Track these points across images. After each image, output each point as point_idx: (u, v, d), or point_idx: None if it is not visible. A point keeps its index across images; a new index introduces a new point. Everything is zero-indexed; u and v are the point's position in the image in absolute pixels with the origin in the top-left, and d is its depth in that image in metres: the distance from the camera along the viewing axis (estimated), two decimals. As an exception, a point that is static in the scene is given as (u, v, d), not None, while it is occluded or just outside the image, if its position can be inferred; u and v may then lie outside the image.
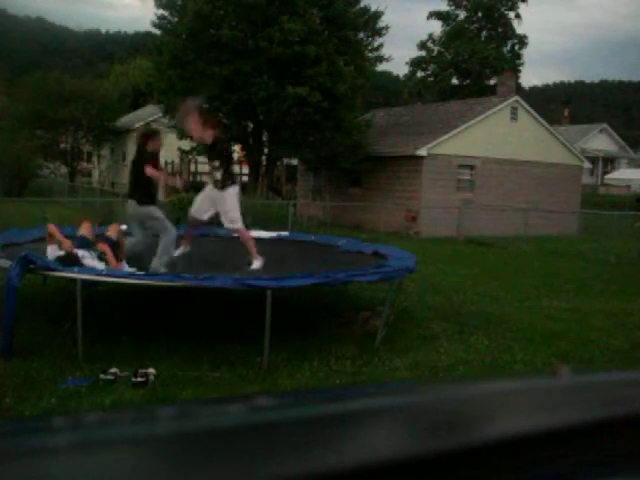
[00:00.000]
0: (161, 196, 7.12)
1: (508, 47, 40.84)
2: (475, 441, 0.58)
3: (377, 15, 20.98)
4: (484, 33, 40.69)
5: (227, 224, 6.82)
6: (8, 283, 5.07)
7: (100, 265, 5.95)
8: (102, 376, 4.76)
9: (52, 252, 6.00)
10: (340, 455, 0.53)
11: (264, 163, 22.17)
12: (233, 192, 6.75)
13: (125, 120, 36.06)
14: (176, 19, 20.15)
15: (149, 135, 6.97)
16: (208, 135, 6.57)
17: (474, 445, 0.57)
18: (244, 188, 23.63)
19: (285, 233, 10.49)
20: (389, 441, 0.60)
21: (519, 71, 39.25)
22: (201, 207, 6.90)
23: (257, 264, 6.62)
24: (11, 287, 5.07)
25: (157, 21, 20.49)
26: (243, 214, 7.12)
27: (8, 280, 5.07)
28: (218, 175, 6.68)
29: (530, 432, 0.60)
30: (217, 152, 6.73)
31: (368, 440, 0.59)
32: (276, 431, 0.59)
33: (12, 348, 5.20)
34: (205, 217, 6.98)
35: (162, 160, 29.35)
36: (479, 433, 0.62)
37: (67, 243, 6.03)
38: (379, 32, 21.33)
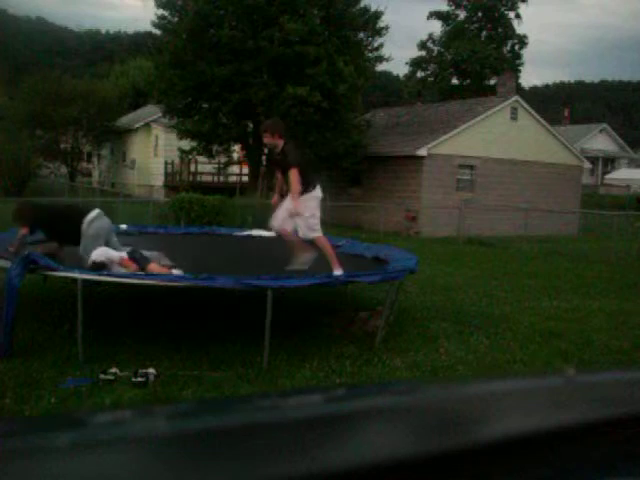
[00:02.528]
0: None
1: (508, 47, 40.86)
2: (475, 441, 0.58)
3: (377, 15, 20.99)
4: (484, 33, 40.70)
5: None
6: (8, 283, 5.07)
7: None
8: (102, 376, 4.76)
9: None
10: (340, 455, 0.53)
11: (264, 163, 22.18)
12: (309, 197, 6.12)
13: (125, 120, 36.06)
14: (176, 19, 20.16)
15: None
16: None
17: (474, 445, 0.57)
18: (244, 188, 23.69)
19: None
20: (389, 441, 0.60)
21: (519, 71, 39.27)
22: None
23: (338, 272, 6.01)
24: (11, 287, 5.07)
25: (157, 21, 20.50)
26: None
27: (8, 280, 5.07)
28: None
29: (530, 432, 0.60)
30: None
31: (368, 440, 0.59)
32: (276, 431, 0.59)
33: (12, 348, 5.20)
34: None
35: (162, 160, 28.94)
36: (479, 433, 0.62)
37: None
38: (379, 32, 21.34)
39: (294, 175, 5.82)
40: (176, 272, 6.03)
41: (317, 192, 6.14)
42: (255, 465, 0.51)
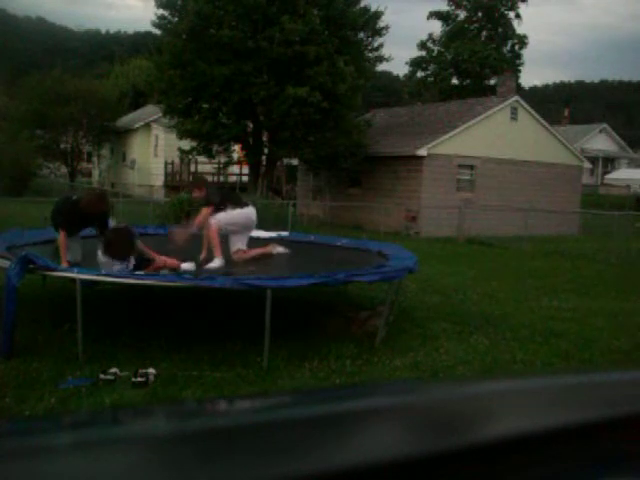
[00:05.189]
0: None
1: (508, 47, 40.85)
2: (475, 441, 0.58)
3: (377, 15, 20.98)
4: (484, 33, 40.68)
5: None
6: (8, 283, 5.07)
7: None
8: (102, 376, 4.76)
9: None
10: (340, 455, 0.53)
11: (264, 163, 22.18)
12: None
13: (125, 120, 36.06)
14: (176, 19, 20.16)
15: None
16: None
17: (474, 445, 0.57)
18: (244, 188, 23.67)
19: (285, 233, 10.48)
20: (389, 441, 0.60)
21: (519, 71, 39.26)
22: None
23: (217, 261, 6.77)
24: (11, 287, 5.06)
25: (157, 21, 20.50)
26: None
27: (8, 280, 5.07)
28: None
29: (530, 432, 0.60)
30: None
31: (368, 440, 0.59)
32: (276, 431, 0.59)
33: (12, 348, 5.19)
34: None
35: (162, 160, 28.98)
36: (479, 433, 0.62)
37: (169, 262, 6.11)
38: (379, 32, 21.33)
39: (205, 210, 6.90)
40: (186, 265, 6.07)
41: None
42: (255, 465, 0.51)
